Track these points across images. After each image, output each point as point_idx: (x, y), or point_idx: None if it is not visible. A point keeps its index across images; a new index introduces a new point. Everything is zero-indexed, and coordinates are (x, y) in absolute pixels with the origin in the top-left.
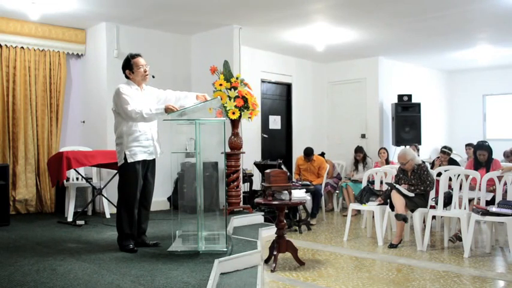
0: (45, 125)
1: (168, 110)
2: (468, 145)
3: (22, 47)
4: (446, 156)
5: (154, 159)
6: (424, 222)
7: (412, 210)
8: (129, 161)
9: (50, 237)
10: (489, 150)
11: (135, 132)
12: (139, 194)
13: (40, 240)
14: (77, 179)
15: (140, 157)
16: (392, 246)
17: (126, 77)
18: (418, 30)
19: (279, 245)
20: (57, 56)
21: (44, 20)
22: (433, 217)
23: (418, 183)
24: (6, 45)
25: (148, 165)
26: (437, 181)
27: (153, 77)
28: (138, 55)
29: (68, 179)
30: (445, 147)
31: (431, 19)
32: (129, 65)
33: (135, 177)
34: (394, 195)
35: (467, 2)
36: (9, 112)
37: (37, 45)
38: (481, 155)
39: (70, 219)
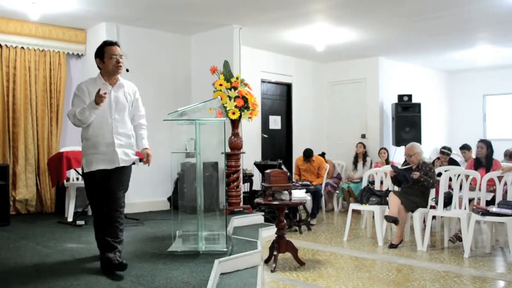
0: (45, 125)
1: (98, 100)
2: (463, 148)
3: (22, 47)
4: (445, 156)
5: (121, 168)
6: (424, 222)
7: (412, 211)
8: (85, 171)
9: (50, 238)
10: (488, 144)
11: (91, 137)
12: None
13: (40, 240)
14: (77, 179)
15: (96, 166)
16: (392, 246)
17: (98, 67)
18: (418, 31)
19: (279, 245)
20: (57, 56)
21: (44, 20)
22: (433, 217)
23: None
24: (6, 45)
25: (111, 176)
26: (438, 181)
27: (127, 70)
28: (114, 43)
29: (68, 179)
30: (444, 147)
31: (431, 19)
32: (100, 53)
33: (92, 189)
34: (391, 197)
35: (466, 2)
36: (10, 112)
37: (37, 46)
38: (479, 147)
39: (70, 219)
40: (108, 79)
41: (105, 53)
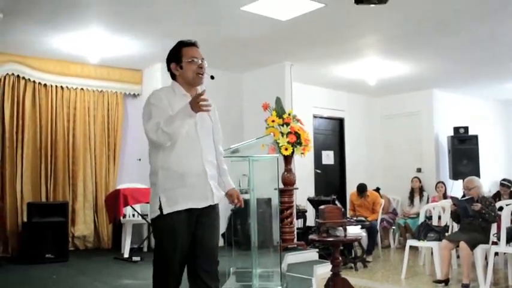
0: (103, 163)
1: (197, 107)
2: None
3: (82, 89)
4: (506, 188)
5: (211, 207)
6: (486, 259)
7: (474, 246)
8: (165, 211)
9: (106, 273)
10: None
11: (175, 165)
12: (189, 263)
13: (97, 276)
14: (133, 215)
15: (182, 205)
16: (465, 286)
17: (172, 75)
18: (471, 61)
19: (335, 282)
20: (114, 97)
21: (102, 62)
22: (496, 254)
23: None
24: (67, 87)
25: (200, 217)
26: (499, 216)
27: (212, 77)
28: (193, 43)
29: (124, 216)
30: (504, 179)
31: (485, 49)
32: (176, 56)
33: (173, 238)
34: (443, 248)
35: None
36: (70, 151)
37: (96, 87)
38: None
39: (126, 255)
40: (188, 89)
41: (183, 56)
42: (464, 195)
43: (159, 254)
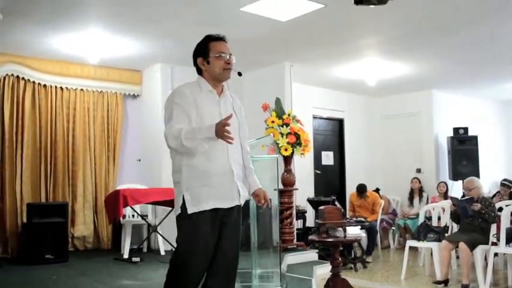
0: (102, 164)
1: (221, 133)
2: None
3: (82, 89)
4: (506, 189)
5: (236, 208)
6: (485, 259)
7: (473, 247)
8: (189, 210)
9: (106, 274)
10: None
11: (200, 163)
12: (208, 268)
13: (97, 277)
14: (133, 216)
15: (207, 204)
16: (465, 287)
17: (198, 70)
18: (471, 62)
19: (334, 283)
20: (114, 97)
21: (102, 63)
22: (495, 254)
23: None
24: (67, 88)
25: (224, 218)
26: (498, 216)
27: (240, 74)
28: (220, 38)
29: (124, 216)
30: (505, 179)
31: (485, 50)
32: (203, 50)
33: (194, 240)
34: (443, 249)
35: None
36: (69, 151)
37: (96, 87)
38: None
39: (126, 256)
40: (214, 86)
41: (210, 51)
42: (464, 196)
43: (179, 255)
